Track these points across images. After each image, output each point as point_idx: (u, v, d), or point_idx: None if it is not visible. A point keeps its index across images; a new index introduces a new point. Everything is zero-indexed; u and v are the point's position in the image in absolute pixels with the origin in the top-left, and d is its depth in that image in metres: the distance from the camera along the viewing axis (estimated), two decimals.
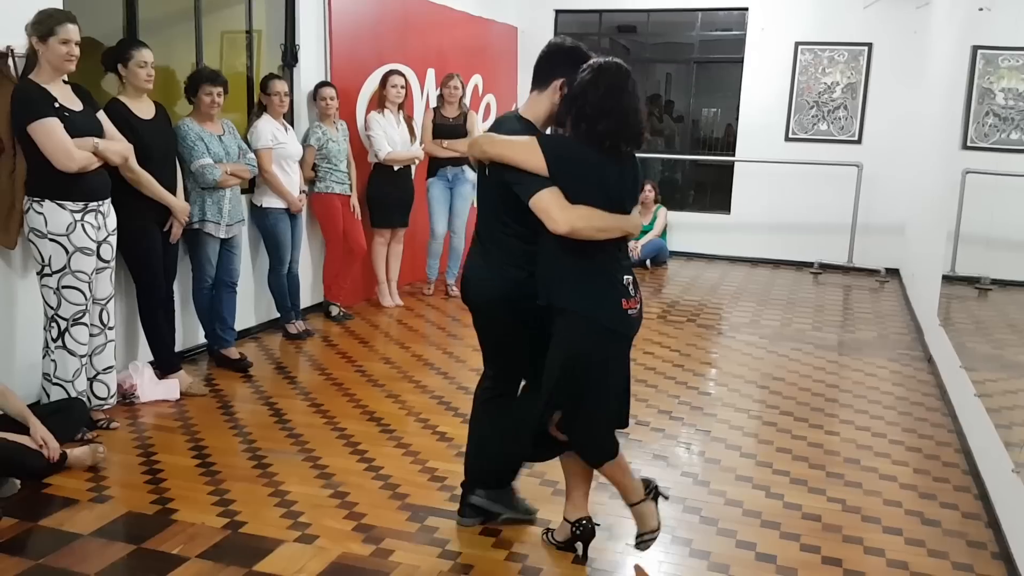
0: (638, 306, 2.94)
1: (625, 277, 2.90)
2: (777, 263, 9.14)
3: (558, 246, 2.79)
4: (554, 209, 2.71)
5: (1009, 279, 4.83)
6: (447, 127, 6.89)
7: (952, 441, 4.33)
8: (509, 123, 2.98)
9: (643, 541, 3.05)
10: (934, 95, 7.23)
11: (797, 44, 8.87)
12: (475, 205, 5.51)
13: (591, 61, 2.83)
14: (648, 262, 8.77)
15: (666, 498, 3.14)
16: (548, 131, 3.01)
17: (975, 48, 5.49)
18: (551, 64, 2.95)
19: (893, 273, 8.65)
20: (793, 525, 3.36)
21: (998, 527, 3.33)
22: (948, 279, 5.49)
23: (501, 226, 2.96)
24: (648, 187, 8.97)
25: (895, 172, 8.54)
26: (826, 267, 8.87)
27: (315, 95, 6.03)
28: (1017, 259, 4.64)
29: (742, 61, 9.12)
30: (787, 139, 9.00)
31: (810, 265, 8.91)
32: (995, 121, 5.31)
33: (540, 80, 2.97)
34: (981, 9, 5.42)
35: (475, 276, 3.07)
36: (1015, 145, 5.06)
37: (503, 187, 2.85)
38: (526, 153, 2.77)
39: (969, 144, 5.56)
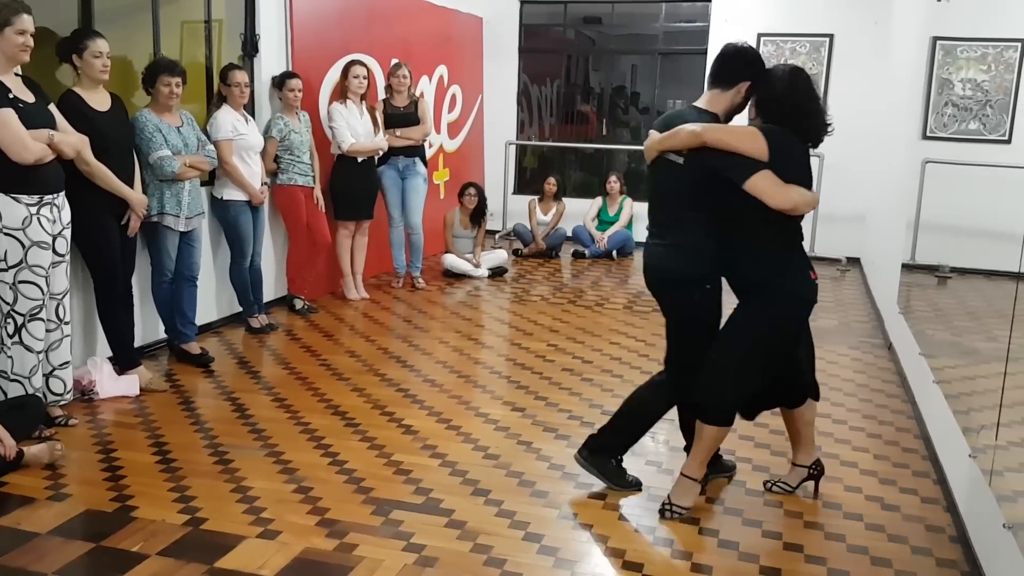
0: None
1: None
2: None
3: (760, 225, 3.10)
4: (774, 188, 3.02)
5: (968, 267, 4.92)
6: (398, 116, 6.85)
7: (912, 427, 4.39)
8: (691, 115, 3.23)
9: (667, 510, 3.32)
10: (895, 86, 7.31)
11: (760, 35, 8.91)
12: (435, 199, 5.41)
13: (778, 66, 3.24)
14: (615, 253, 8.78)
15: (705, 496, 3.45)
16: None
17: (935, 39, 5.57)
18: (738, 67, 3.24)
19: (854, 262, 8.75)
20: (755, 512, 3.39)
21: (956, 511, 3.38)
22: (908, 267, 5.56)
23: (691, 212, 3.20)
24: (614, 178, 9.00)
25: (856, 162, 8.61)
26: None
27: (281, 86, 5.97)
28: (976, 247, 4.72)
29: (706, 53, 9.15)
30: None
31: None
32: (954, 111, 5.40)
33: (724, 80, 3.25)
34: (940, 0, 5.49)
35: (658, 263, 3.31)
36: (973, 135, 5.15)
37: (702, 173, 3.10)
38: (747, 140, 3.04)
39: (929, 134, 5.65)
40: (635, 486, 3.54)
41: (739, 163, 3.03)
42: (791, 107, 3.13)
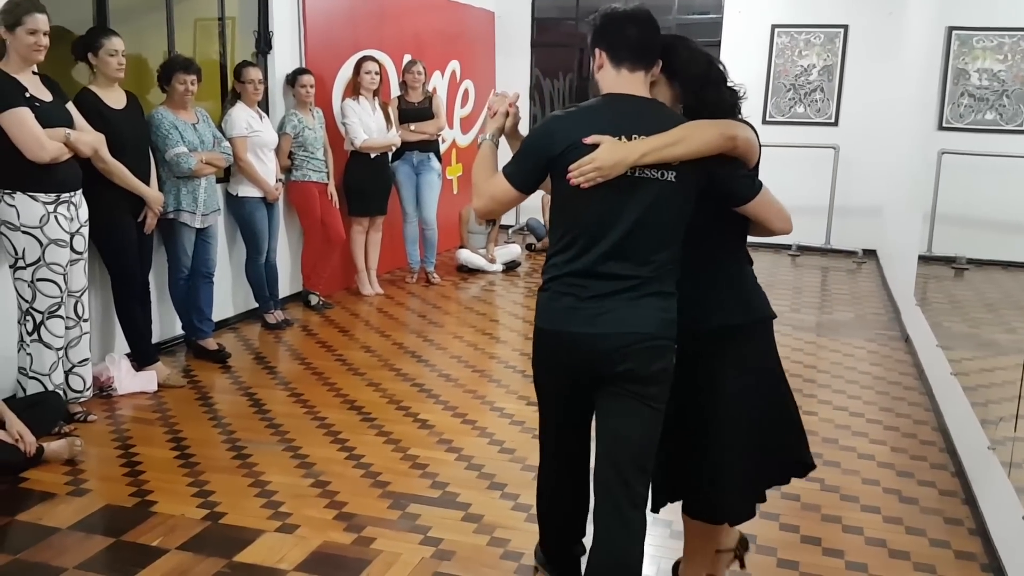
0: None
1: None
2: (755, 246, 9.13)
3: (742, 255, 2.46)
4: (779, 205, 2.28)
5: (985, 258, 4.89)
6: (413, 111, 6.87)
7: (929, 419, 4.37)
8: (665, 110, 2.31)
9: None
10: (910, 76, 7.26)
11: (773, 27, 8.87)
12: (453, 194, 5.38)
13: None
14: None
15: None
16: None
17: (950, 29, 5.52)
18: (656, 39, 2.32)
19: (870, 254, 8.70)
20: (772, 505, 3.37)
21: (974, 503, 3.37)
22: (924, 259, 5.53)
23: (674, 247, 2.24)
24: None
25: (871, 154, 8.57)
26: (804, 249, 8.89)
27: (294, 82, 5.98)
28: (993, 238, 4.69)
29: (719, 44, 9.11)
30: (764, 122, 9.00)
31: (788, 247, 8.94)
32: (970, 101, 5.36)
33: (650, 57, 2.30)
34: None
35: (644, 333, 2.19)
36: (990, 125, 5.11)
37: (691, 191, 2.22)
38: (755, 141, 2.27)
39: (945, 125, 5.61)
40: None
41: (749, 173, 2.26)
42: (711, 80, 2.35)
